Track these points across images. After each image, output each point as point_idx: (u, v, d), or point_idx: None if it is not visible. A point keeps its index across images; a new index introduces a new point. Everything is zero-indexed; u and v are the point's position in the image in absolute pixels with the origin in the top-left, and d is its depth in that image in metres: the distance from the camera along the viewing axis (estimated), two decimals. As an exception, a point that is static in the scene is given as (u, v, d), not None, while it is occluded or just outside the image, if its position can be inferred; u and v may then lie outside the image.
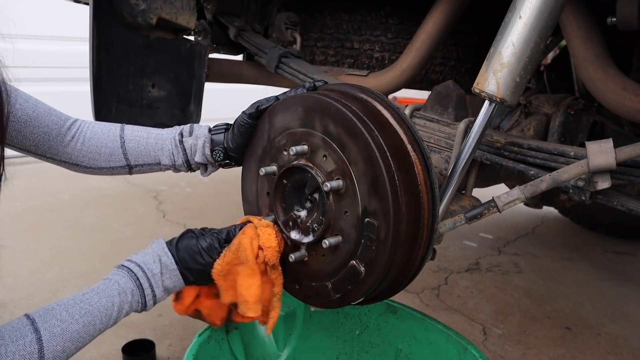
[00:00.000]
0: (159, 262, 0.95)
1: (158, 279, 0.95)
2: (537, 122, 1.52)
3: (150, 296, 0.94)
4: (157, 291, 0.95)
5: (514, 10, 0.94)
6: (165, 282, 0.95)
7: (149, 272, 0.94)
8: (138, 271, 0.94)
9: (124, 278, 0.92)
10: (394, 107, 0.92)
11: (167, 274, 0.95)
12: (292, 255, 0.94)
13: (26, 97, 1.00)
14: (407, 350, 1.34)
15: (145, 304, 0.94)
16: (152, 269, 0.94)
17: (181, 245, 0.98)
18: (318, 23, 1.82)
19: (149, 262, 0.95)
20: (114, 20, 1.48)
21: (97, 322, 0.87)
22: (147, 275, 0.93)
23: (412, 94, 3.89)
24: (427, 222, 0.88)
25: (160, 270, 0.95)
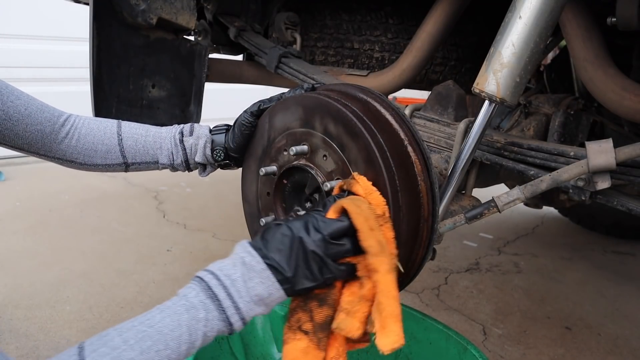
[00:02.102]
0: (241, 265, 0.74)
1: (240, 285, 0.72)
2: (537, 122, 1.52)
3: (232, 309, 0.72)
4: (241, 302, 0.72)
5: (514, 10, 0.94)
6: (254, 289, 0.72)
7: (226, 279, 0.73)
8: (211, 279, 0.73)
9: (194, 290, 0.72)
10: (394, 107, 0.92)
11: (255, 277, 0.73)
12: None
13: (18, 94, 0.97)
14: (407, 350, 1.34)
15: (229, 322, 0.72)
16: (230, 274, 0.73)
17: (269, 235, 0.75)
18: (318, 23, 1.82)
19: (227, 266, 0.74)
20: (114, 20, 1.49)
21: (161, 347, 0.68)
22: (223, 284, 0.72)
23: (412, 94, 3.89)
24: (427, 222, 0.88)
25: (242, 275, 0.73)
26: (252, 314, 0.73)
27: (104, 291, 2.10)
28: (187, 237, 2.71)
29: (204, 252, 2.51)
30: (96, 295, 2.06)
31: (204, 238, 2.69)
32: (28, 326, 1.82)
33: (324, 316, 0.75)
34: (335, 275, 0.74)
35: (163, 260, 2.41)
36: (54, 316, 1.90)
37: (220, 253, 2.51)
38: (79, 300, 2.02)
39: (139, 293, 2.10)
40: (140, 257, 2.43)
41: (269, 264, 0.73)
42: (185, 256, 2.47)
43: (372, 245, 0.72)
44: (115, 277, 2.22)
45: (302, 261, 0.73)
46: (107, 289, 2.12)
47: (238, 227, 2.74)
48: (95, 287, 2.13)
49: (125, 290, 2.12)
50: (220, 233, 2.74)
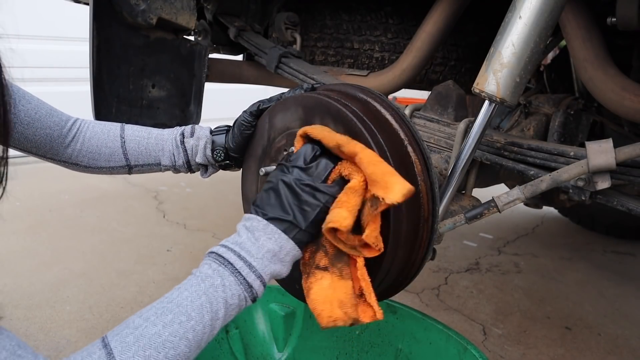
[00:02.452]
0: (244, 230, 0.75)
1: (249, 246, 0.73)
2: (537, 122, 1.52)
3: (247, 269, 0.71)
4: (253, 260, 0.72)
5: (514, 10, 0.94)
6: (264, 246, 0.73)
7: (234, 245, 0.74)
8: (219, 249, 0.75)
9: (207, 264, 0.74)
10: (394, 107, 0.92)
11: (261, 236, 0.73)
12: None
13: (29, 97, 0.99)
14: (407, 350, 1.34)
15: (247, 282, 0.72)
16: (237, 240, 0.74)
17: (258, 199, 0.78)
18: (318, 23, 1.82)
19: (233, 237, 0.76)
20: (114, 20, 1.49)
21: (184, 319, 0.68)
22: (232, 249, 0.73)
23: (412, 94, 3.89)
24: (427, 222, 0.88)
25: (248, 237, 0.74)
26: (268, 271, 0.73)
27: (104, 291, 2.10)
28: (187, 237, 2.71)
29: (204, 252, 2.49)
30: (96, 295, 2.06)
31: (204, 238, 2.69)
32: (28, 326, 1.82)
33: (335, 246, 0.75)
34: (330, 193, 0.74)
35: (163, 260, 2.41)
36: (54, 316, 1.90)
37: (220, 253, 2.51)
38: (79, 300, 2.02)
39: (139, 293, 2.10)
40: (140, 257, 2.43)
41: (269, 218, 0.74)
42: (185, 256, 2.47)
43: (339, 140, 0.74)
44: (115, 277, 2.22)
45: (294, 199, 0.74)
46: (107, 289, 2.12)
47: (238, 227, 2.74)
48: (95, 287, 2.13)
49: (125, 290, 2.12)
50: (220, 233, 2.74)
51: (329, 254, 0.76)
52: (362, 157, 0.73)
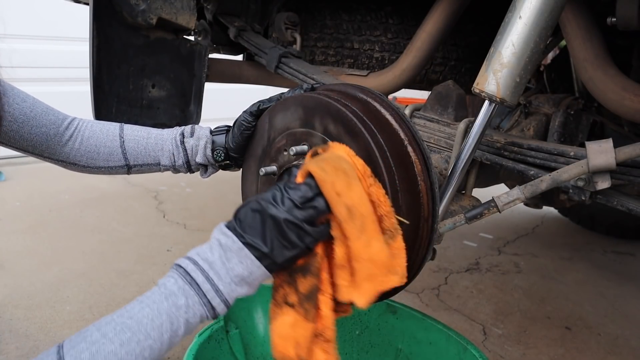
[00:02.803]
0: (218, 247, 0.72)
1: (219, 267, 0.71)
2: (537, 122, 1.52)
3: (212, 292, 0.70)
4: (221, 284, 0.71)
5: (514, 10, 0.94)
6: (234, 269, 0.71)
7: (204, 263, 0.71)
8: (188, 264, 0.72)
9: (173, 278, 0.71)
10: (394, 107, 0.92)
11: (233, 258, 0.71)
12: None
13: (24, 96, 0.98)
14: (407, 350, 1.34)
15: (211, 305, 0.71)
16: (207, 257, 0.72)
17: (241, 214, 0.73)
18: (318, 23, 1.82)
19: (204, 251, 0.73)
20: (114, 20, 1.49)
21: (142, 338, 0.66)
22: (200, 267, 0.71)
23: (412, 94, 3.89)
24: (427, 222, 0.88)
25: (220, 256, 0.71)
26: (234, 295, 0.72)
27: (104, 291, 2.10)
28: (187, 237, 2.71)
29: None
30: (96, 295, 2.06)
31: (204, 238, 2.68)
32: (28, 326, 1.82)
33: (309, 285, 0.74)
34: (314, 237, 0.72)
35: (163, 260, 2.41)
36: (54, 316, 1.90)
37: (220, 253, 2.51)
38: (79, 300, 2.02)
39: (138, 293, 2.10)
40: (140, 257, 2.43)
41: (245, 242, 0.71)
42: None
43: (340, 212, 0.71)
44: (115, 277, 2.22)
45: (276, 233, 0.71)
46: (107, 289, 2.12)
47: (238, 227, 2.74)
48: (95, 287, 2.13)
49: (125, 290, 2.12)
50: (220, 233, 2.74)
51: (299, 291, 0.74)
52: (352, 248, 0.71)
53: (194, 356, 1.11)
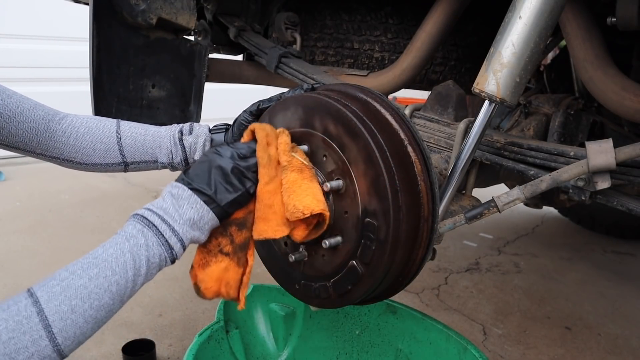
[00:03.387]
0: (169, 196, 0.79)
1: (172, 212, 0.77)
2: (537, 122, 1.52)
3: (169, 232, 0.77)
4: (176, 225, 0.77)
5: (514, 10, 0.94)
6: (186, 214, 0.78)
7: (159, 209, 0.78)
8: (144, 211, 0.79)
9: (131, 224, 0.77)
10: (394, 107, 0.92)
11: (184, 204, 0.78)
12: (292, 256, 0.94)
13: (10, 93, 0.97)
14: (407, 350, 1.34)
15: (169, 244, 0.77)
16: (161, 205, 0.79)
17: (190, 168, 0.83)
18: (318, 23, 1.82)
19: (158, 201, 0.80)
20: (114, 20, 1.49)
21: (109, 273, 0.71)
22: (156, 213, 0.77)
23: (412, 94, 3.89)
24: (427, 222, 0.88)
25: (172, 204, 0.78)
26: (188, 236, 0.78)
27: (104, 291, 2.10)
28: (187, 237, 2.71)
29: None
30: (96, 295, 2.06)
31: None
32: (28, 326, 1.82)
33: (243, 238, 0.85)
34: (253, 181, 0.82)
35: (163, 260, 2.41)
36: (54, 316, 1.90)
37: (220, 253, 2.51)
38: (79, 300, 2.02)
39: (138, 293, 2.10)
40: (140, 257, 2.43)
41: (193, 188, 0.79)
42: (185, 256, 2.47)
43: (261, 156, 0.82)
44: (115, 277, 2.22)
45: (220, 178, 0.80)
46: (107, 289, 2.12)
47: (238, 227, 2.74)
48: (95, 287, 2.13)
49: (125, 290, 2.12)
50: (220, 233, 2.74)
51: (234, 242, 0.84)
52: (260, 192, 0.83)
53: (194, 356, 1.12)
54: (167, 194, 0.80)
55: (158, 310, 1.95)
